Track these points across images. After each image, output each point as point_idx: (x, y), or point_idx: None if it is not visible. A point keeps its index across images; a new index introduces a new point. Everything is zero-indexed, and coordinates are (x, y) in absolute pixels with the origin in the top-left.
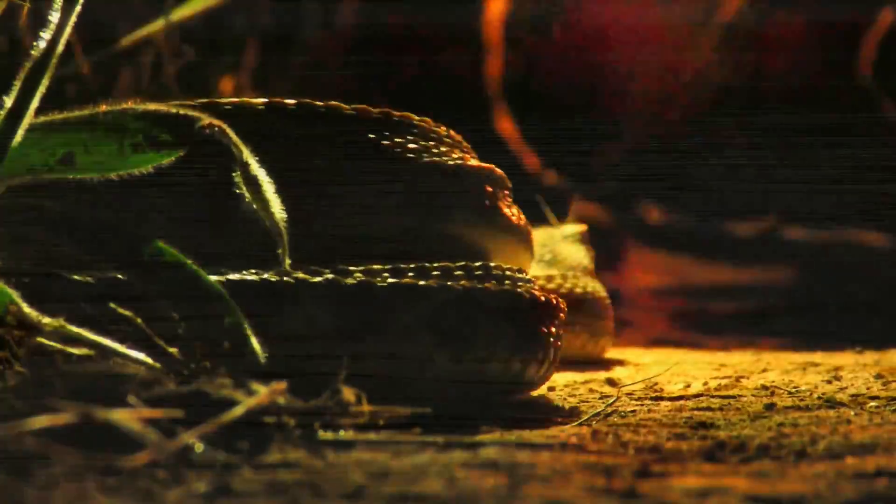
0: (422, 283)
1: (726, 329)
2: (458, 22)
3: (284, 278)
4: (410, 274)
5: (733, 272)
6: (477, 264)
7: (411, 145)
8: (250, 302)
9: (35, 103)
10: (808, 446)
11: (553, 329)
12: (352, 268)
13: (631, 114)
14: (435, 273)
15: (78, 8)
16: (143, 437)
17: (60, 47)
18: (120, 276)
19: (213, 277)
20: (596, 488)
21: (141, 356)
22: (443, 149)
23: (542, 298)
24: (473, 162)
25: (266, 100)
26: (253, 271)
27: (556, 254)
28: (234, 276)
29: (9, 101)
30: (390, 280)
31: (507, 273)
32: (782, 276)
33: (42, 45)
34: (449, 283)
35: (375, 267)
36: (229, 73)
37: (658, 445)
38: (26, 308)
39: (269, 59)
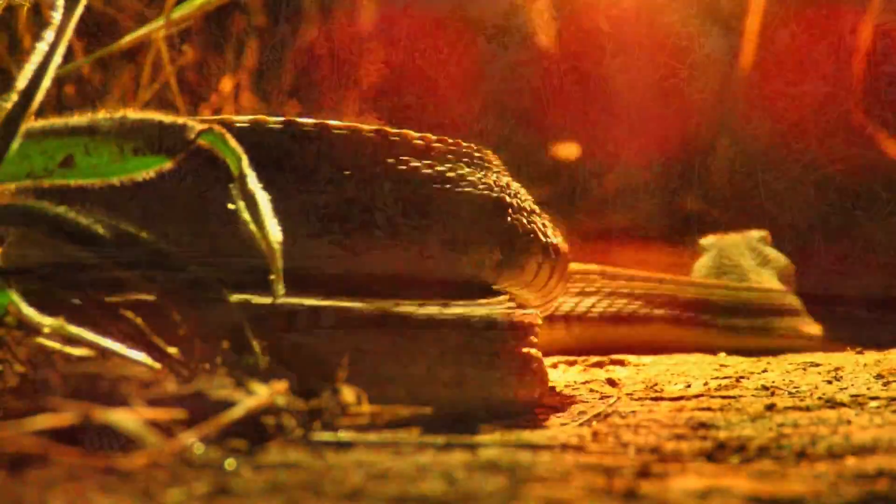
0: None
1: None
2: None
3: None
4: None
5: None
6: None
7: (450, 173)
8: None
9: (35, 105)
10: (808, 447)
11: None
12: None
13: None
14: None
15: (79, 8)
16: (143, 437)
17: (61, 47)
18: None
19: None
20: (596, 489)
21: (141, 356)
22: (479, 174)
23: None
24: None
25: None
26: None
27: (766, 255)
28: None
29: (8, 103)
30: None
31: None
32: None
33: (42, 45)
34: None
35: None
36: (229, 73)
37: (658, 446)
38: (26, 308)
39: (267, 60)
